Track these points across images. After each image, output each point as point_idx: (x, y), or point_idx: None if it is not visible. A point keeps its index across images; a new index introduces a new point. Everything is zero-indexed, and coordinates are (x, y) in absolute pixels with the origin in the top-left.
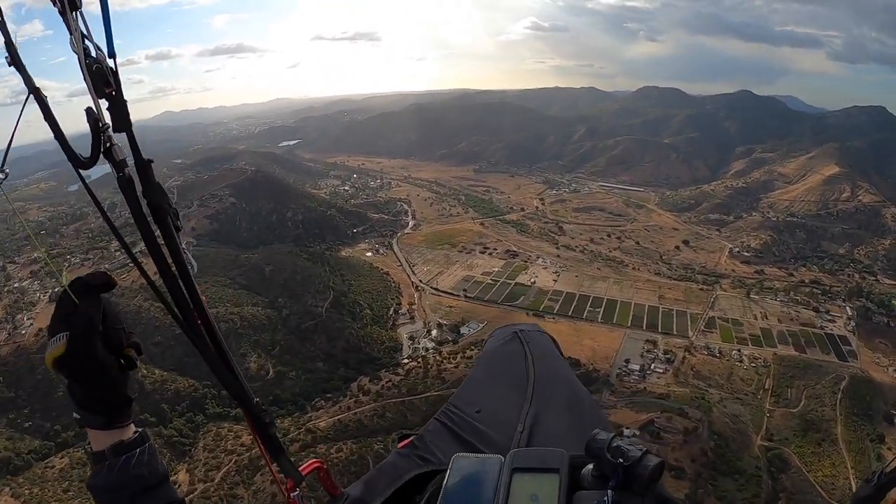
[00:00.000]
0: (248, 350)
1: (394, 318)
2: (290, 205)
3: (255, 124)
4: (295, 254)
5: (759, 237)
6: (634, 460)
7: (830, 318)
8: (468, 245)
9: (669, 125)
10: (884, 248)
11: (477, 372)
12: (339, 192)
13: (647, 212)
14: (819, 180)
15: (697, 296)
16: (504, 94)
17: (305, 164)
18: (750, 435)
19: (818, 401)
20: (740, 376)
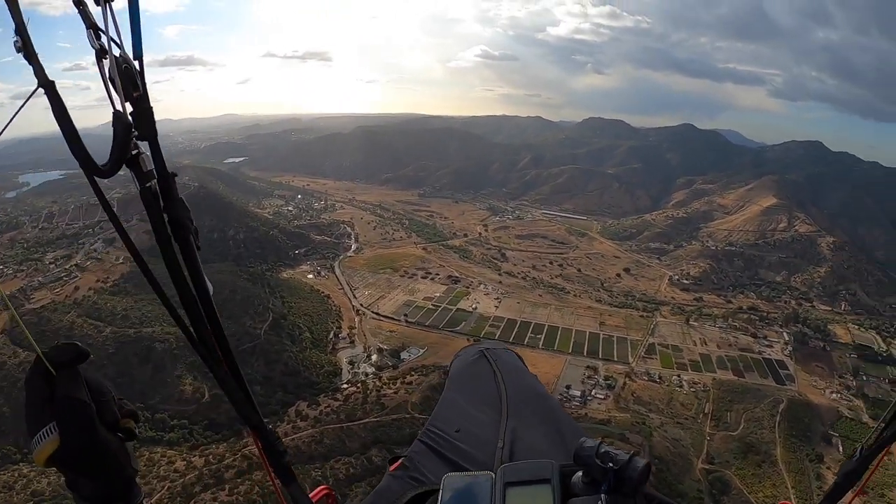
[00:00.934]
0: (183, 372)
1: (334, 342)
2: (232, 223)
3: (201, 139)
4: (235, 273)
5: (699, 265)
6: (623, 463)
7: (768, 344)
8: (410, 270)
9: (613, 156)
10: (819, 275)
11: (450, 393)
12: (283, 213)
13: (589, 240)
14: (757, 211)
15: (638, 322)
16: (452, 120)
17: (250, 183)
18: (691, 458)
19: (757, 423)
20: (680, 401)
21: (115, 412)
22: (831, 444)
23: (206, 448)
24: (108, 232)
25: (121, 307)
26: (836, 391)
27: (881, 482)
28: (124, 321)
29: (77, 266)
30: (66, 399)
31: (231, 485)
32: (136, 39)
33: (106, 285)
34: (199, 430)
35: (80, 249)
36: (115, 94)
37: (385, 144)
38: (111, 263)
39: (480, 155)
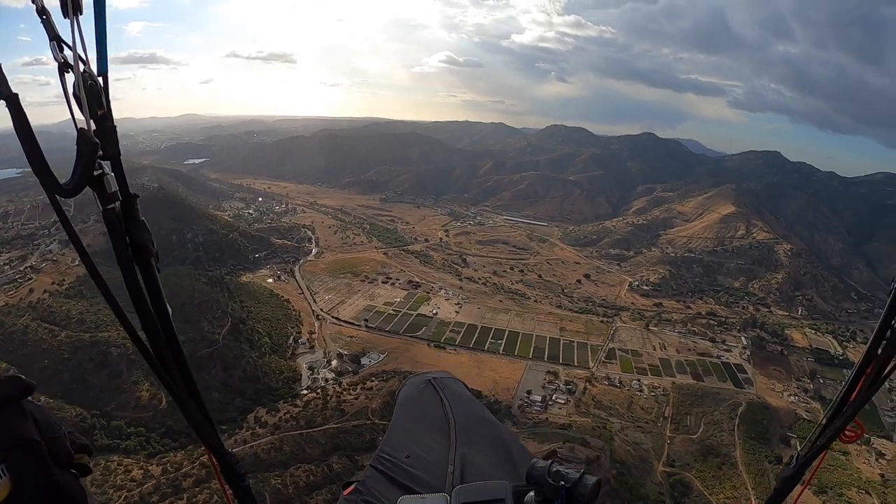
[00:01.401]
0: (139, 377)
1: (293, 348)
2: (191, 225)
3: (162, 139)
4: (193, 277)
5: (658, 271)
6: (574, 481)
7: (726, 348)
8: (371, 274)
9: (575, 163)
10: (777, 281)
11: (398, 419)
12: (243, 215)
13: (549, 246)
14: (716, 219)
15: (598, 328)
16: (415, 125)
17: (210, 185)
18: (652, 462)
19: (717, 426)
20: (640, 405)
21: (67, 448)
22: (790, 446)
23: (163, 456)
24: (64, 233)
25: (76, 311)
26: (794, 394)
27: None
28: (80, 325)
29: (32, 268)
30: (15, 440)
31: (189, 494)
32: (101, 55)
33: (61, 288)
34: (157, 437)
35: (35, 251)
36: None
37: (347, 148)
38: (67, 265)
39: (443, 160)
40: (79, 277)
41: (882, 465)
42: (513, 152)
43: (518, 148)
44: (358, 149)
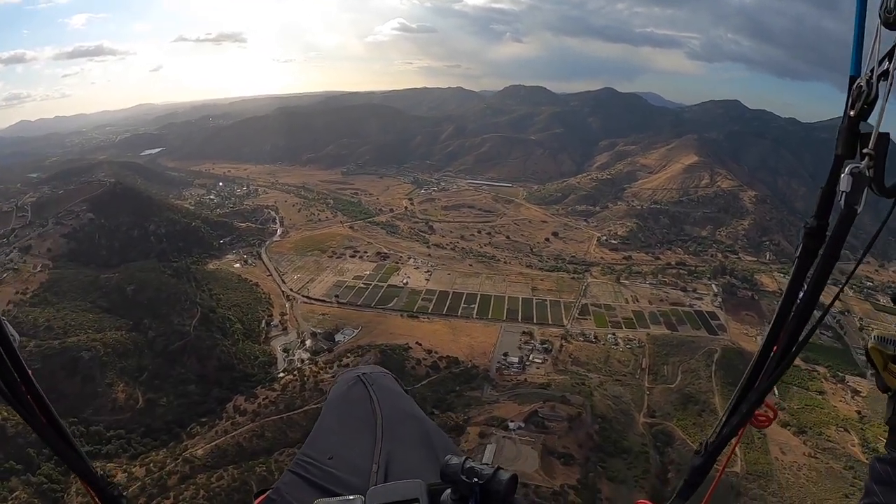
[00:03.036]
0: (114, 379)
1: (266, 331)
2: (152, 218)
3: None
4: (158, 270)
5: (625, 225)
6: (488, 477)
7: (698, 297)
8: (338, 250)
9: (535, 122)
10: (743, 228)
11: (325, 420)
12: (205, 202)
13: (515, 206)
14: (679, 169)
15: (569, 285)
16: (372, 96)
17: (169, 174)
18: (632, 414)
19: (694, 374)
20: (617, 359)
21: None
22: None
23: (146, 456)
24: (23, 240)
25: (43, 318)
26: None
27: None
28: (48, 332)
29: None
30: None
31: (175, 491)
32: None
33: (26, 297)
34: (137, 437)
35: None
36: None
37: (305, 124)
38: (29, 273)
39: (402, 129)
40: (42, 284)
41: (858, 403)
42: (473, 116)
43: (477, 111)
44: (316, 124)
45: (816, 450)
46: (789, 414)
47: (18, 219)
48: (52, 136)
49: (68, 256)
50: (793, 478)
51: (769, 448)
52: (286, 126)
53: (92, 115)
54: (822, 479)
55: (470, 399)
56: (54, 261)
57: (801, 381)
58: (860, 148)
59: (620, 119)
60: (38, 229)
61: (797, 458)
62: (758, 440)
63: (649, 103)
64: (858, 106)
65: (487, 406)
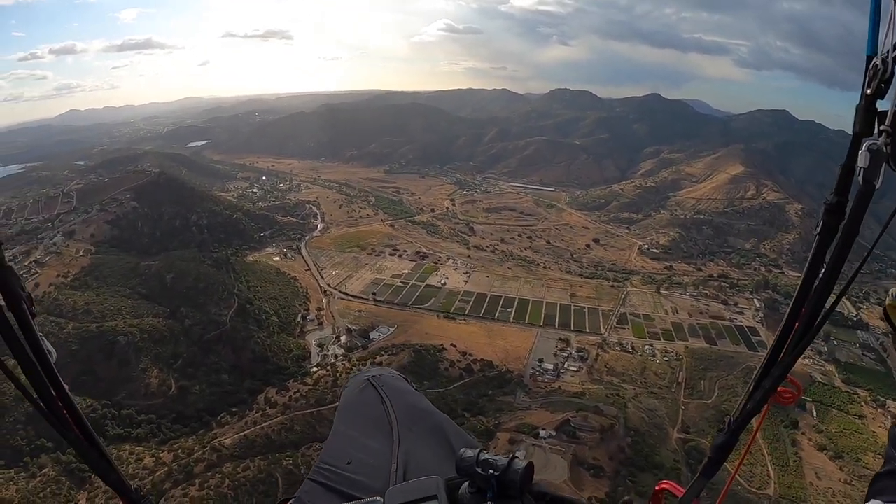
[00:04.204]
0: (148, 364)
1: (301, 325)
2: (194, 208)
3: (163, 124)
4: (198, 260)
5: (668, 234)
6: (504, 468)
7: (739, 311)
8: (378, 247)
9: (580, 127)
10: (788, 242)
11: (339, 425)
12: (247, 195)
13: (557, 211)
14: (725, 179)
15: (608, 293)
16: (416, 96)
17: (213, 166)
18: (666, 428)
19: (731, 391)
20: (654, 371)
21: None
22: (805, 410)
23: (174, 442)
24: (67, 225)
25: (82, 301)
26: (808, 357)
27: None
28: (86, 316)
29: (36, 262)
30: None
31: (201, 479)
32: None
33: (66, 280)
34: (167, 423)
35: (39, 245)
36: None
37: (349, 122)
38: (71, 257)
39: (446, 129)
40: (83, 268)
41: None
42: (517, 118)
43: (522, 114)
44: (360, 122)
45: (853, 476)
46: (827, 438)
47: (64, 204)
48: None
49: (110, 242)
50: None
51: (804, 472)
52: (330, 123)
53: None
54: None
55: (502, 404)
56: (96, 246)
57: (841, 403)
58: (878, 125)
59: (666, 126)
60: (83, 215)
61: (832, 484)
62: (793, 464)
63: (696, 111)
64: (875, 84)
65: (519, 412)
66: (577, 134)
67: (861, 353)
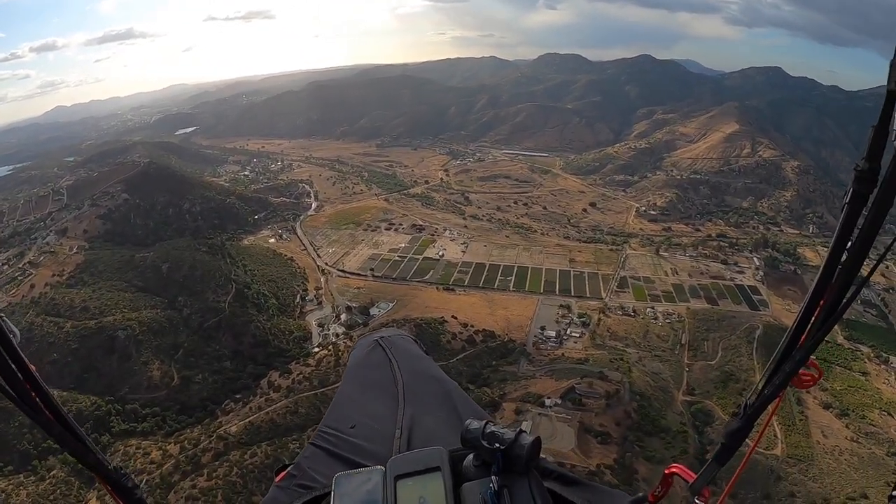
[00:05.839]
0: (149, 357)
1: (301, 306)
2: (186, 196)
3: (150, 113)
4: (193, 247)
5: (665, 195)
6: (510, 442)
7: (739, 270)
8: (373, 222)
9: (571, 91)
10: (786, 199)
11: (345, 387)
12: (239, 178)
13: (552, 177)
14: (720, 138)
15: (608, 257)
16: (405, 68)
17: (203, 152)
18: (671, 391)
19: (735, 351)
20: (656, 333)
21: None
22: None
23: (180, 433)
24: (59, 223)
25: (79, 299)
26: None
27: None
28: (84, 313)
29: (31, 263)
30: None
31: (209, 469)
32: None
33: (62, 279)
34: (172, 415)
35: (32, 245)
36: None
37: (338, 98)
38: (65, 255)
39: (436, 100)
40: (78, 265)
41: None
42: (507, 85)
43: (512, 80)
44: (349, 97)
45: (858, 434)
46: (832, 395)
47: (55, 202)
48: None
49: (104, 237)
50: (834, 463)
51: (810, 431)
52: (319, 100)
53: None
54: (863, 465)
55: (506, 374)
56: (90, 242)
57: (844, 360)
58: None
59: (658, 87)
60: (74, 212)
61: (839, 441)
62: (799, 422)
63: (688, 70)
64: None
65: (524, 381)
66: (568, 98)
67: (863, 310)
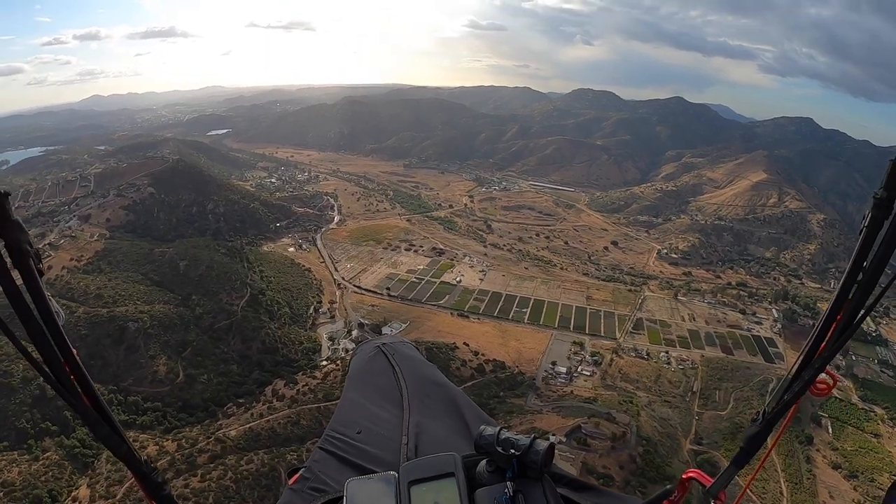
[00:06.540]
0: (157, 352)
1: (314, 318)
2: (211, 196)
3: (184, 112)
4: (212, 248)
5: (687, 239)
6: (525, 448)
7: (757, 321)
8: (394, 242)
9: (602, 127)
10: (809, 252)
11: (349, 393)
12: (265, 185)
13: (576, 212)
14: (747, 186)
15: (625, 297)
16: (439, 91)
17: (232, 155)
18: (679, 439)
19: (747, 403)
20: (668, 378)
21: None
22: (820, 426)
23: (179, 431)
24: (83, 209)
25: (94, 286)
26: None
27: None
28: (97, 300)
29: (50, 245)
30: None
31: (203, 470)
32: None
33: (80, 264)
34: (173, 412)
35: (54, 227)
36: None
37: (370, 115)
38: (85, 241)
39: (467, 126)
40: (97, 253)
41: None
42: (539, 117)
43: (544, 112)
44: (381, 115)
45: (866, 497)
46: (842, 456)
47: (81, 188)
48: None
49: (126, 227)
50: None
51: (817, 490)
52: (351, 115)
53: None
54: None
55: (512, 406)
56: (111, 231)
57: (857, 421)
58: None
59: (689, 130)
60: (99, 199)
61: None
62: (807, 481)
63: (719, 115)
64: None
65: (530, 416)
66: (598, 134)
67: (879, 370)
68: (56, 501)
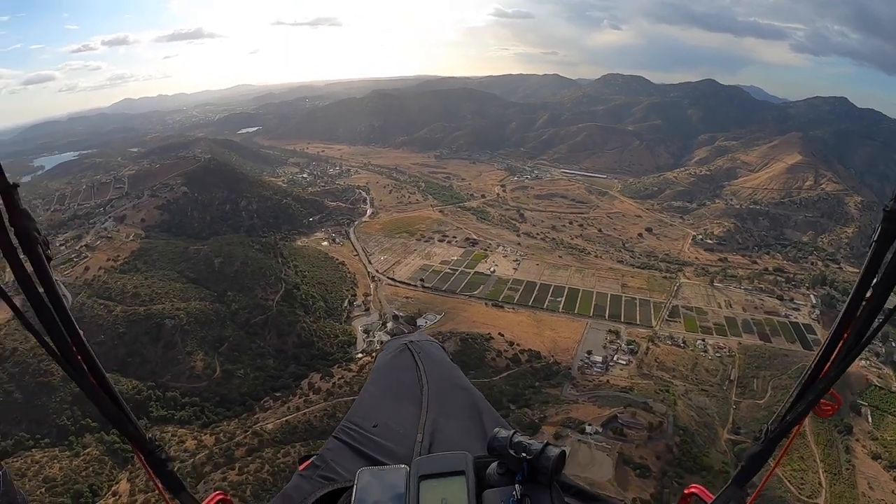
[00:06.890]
0: (194, 348)
1: (348, 311)
2: (244, 193)
3: (214, 111)
4: (247, 244)
5: (723, 224)
6: (537, 453)
7: (795, 307)
8: (427, 233)
9: (633, 112)
10: (847, 236)
11: (371, 386)
12: (297, 180)
13: (609, 199)
14: (782, 168)
15: (661, 284)
16: (467, 81)
17: (264, 152)
18: (716, 428)
19: (785, 392)
20: (705, 367)
21: None
22: (860, 415)
23: (216, 426)
24: (118, 210)
25: (131, 285)
26: (865, 358)
27: None
28: (134, 299)
29: (87, 246)
30: None
31: (241, 463)
32: None
33: (116, 264)
34: (211, 406)
35: (90, 229)
36: None
37: (400, 107)
38: (121, 241)
39: (497, 115)
40: (133, 252)
41: None
42: (569, 104)
43: (574, 99)
44: (410, 107)
45: None
46: (881, 445)
47: (116, 190)
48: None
49: (160, 227)
50: None
51: (857, 481)
52: (381, 108)
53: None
54: None
55: (548, 396)
56: (146, 231)
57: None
58: None
59: (721, 112)
60: (134, 200)
61: (885, 495)
62: (846, 472)
63: (752, 97)
64: None
65: (566, 406)
66: (629, 120)
67: None
68: (97, 496)
